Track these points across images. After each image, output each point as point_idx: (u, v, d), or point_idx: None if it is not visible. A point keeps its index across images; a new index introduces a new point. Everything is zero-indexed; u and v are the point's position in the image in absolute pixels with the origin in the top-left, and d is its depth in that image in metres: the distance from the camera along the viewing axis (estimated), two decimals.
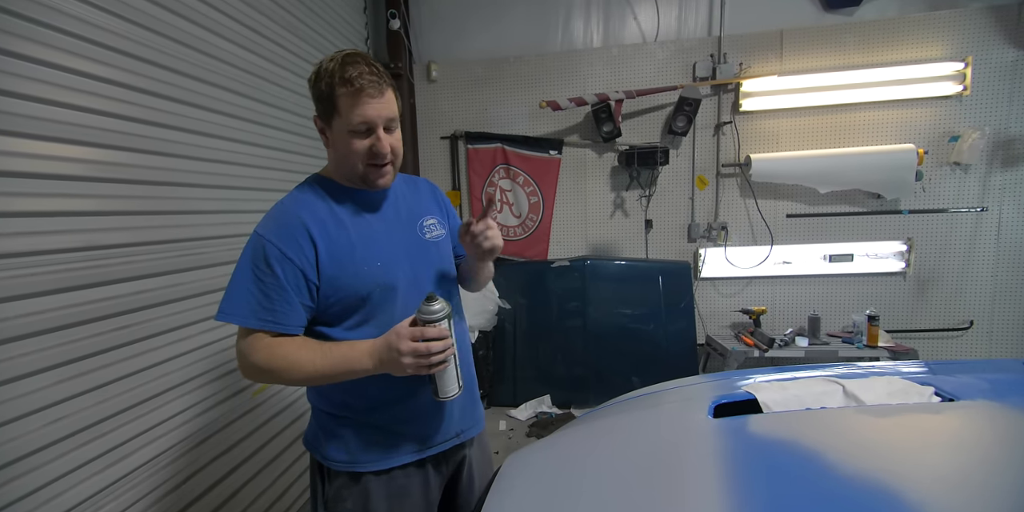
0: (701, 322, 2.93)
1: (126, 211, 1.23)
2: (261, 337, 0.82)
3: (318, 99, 0.85)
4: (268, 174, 1.83)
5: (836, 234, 2.82)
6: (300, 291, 0.83)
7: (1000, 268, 2.72)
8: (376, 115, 0.83)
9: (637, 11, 2.90)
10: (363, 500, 0.92)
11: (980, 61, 2.58)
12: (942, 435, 0.79)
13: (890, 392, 0.94)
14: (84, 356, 1.11)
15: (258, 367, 0.82)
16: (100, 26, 1.16)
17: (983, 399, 0.88)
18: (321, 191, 0.90)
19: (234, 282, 0.83)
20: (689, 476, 0.75)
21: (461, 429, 1.01)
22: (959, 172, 2.69)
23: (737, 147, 2.82)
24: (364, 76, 0.81)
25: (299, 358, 0.81)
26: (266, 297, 0.81)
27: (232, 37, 1.63)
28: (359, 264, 0.87)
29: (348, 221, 0.89)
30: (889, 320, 2.75)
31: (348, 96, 0.81)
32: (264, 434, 1.74)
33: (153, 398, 1.29)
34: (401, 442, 0.94)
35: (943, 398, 0.91)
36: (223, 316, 0.82)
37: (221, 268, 1.56)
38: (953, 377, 1.01)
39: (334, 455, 0.93)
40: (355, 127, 0.83)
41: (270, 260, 0.81)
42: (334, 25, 2.43)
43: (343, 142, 0.85)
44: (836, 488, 0.65)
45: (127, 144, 1.23)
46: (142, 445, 1.25)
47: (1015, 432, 0.78)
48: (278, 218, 0.86)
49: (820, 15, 2.73)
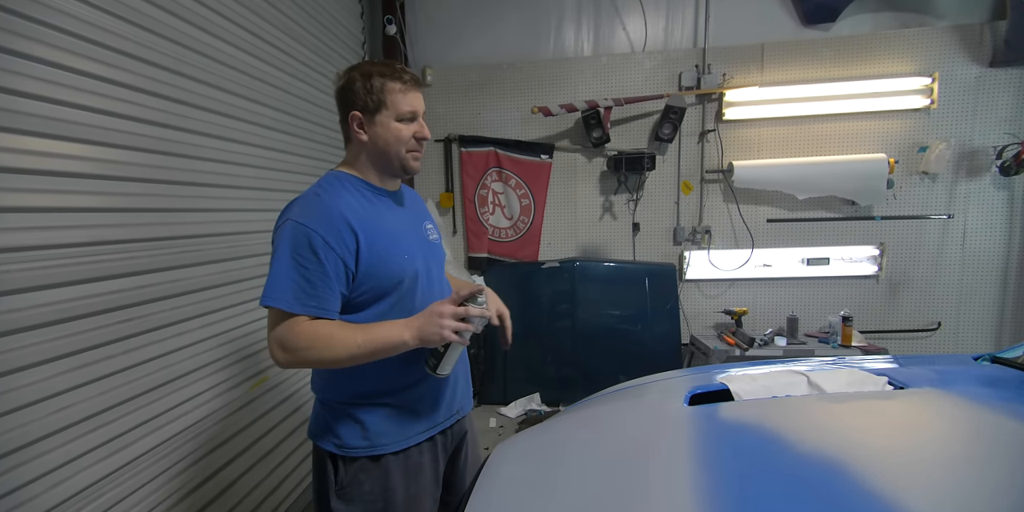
0: (686, 322, 3.03)
1: (129, 208, 1.27)
2: (300, 320, 0.87)
3: (366, 94, 0.95)
4: (265, 174, 1.87)
5: (813, 238, 2.94)
6: (339, 278, 0.90)
7: (966, 273, 2.87)
8: (420, 105, 0.99)
9: (626, 22, 3.01)
10: (383, 480, 0.98)
11: (946, 77, 2.74)
12: (891, 418, 0.88)
13: (849, 382, 1.02)
14: (87, 348, 1.14)
15: (297, 347, 0.86)
16: (112, 31, 1.21)
17: (929, 387, 0.97)
18: (349, 186, 0.98)
19: (276, 270, 0.88)
20: (665, 455, 0.82)
21: (460, 406, 1.11)
22: (927, 181, 2.84)
23: (720, 154, 2.94)
24: (408, 74, 0.97)
25: (342, 336, 0.87)
26: (309, 283, 0.87)
27: (232, 40, 1.68)
28: (393, 255, 0.95)
29: (377, 215, 0.97)
30: (863, 321, 2.88)
31: (399, 91, 0.95)
32: (261, 426, 1.77)
33: (154, 390, 1.32)
34: (415, 421, 1.01)
35: (895, 386, 1.00)
36: (269, 301, 0.87)
37: (220, 265, 1.60)
38: (906, 368, 1.10)
39: (351, 442, 0.98)
40: (403, 115, 0.96)
41: (315, 248, 0.87)
42: (332, 30, 2.49)
43: (390, 131, 0.96)
44: (794, 464, 0.73)
45: (130, 143, 1.27)
46: (143, 435, 1.28)
47: (953, 414, 0.87)
48: (318, 208, 0.91)
49: (799, 30, 2.86)
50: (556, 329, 2.95)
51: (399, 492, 0.99)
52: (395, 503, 0.99)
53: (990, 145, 2.73)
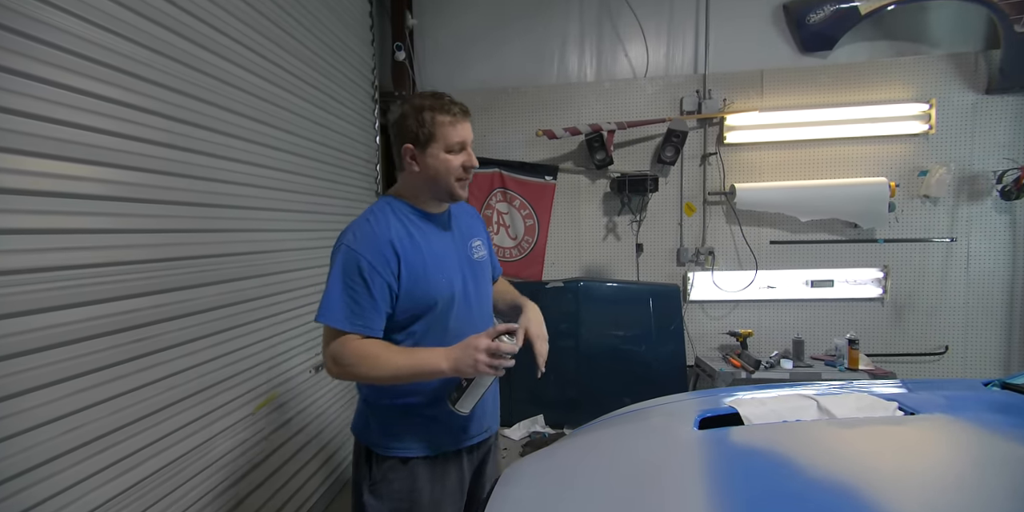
0: (690, 344, 3.01)
1: (134, 229, 1.27)
2: (352, 338, 0.97)
3: (418, 127, 1.01)
4: (273, 194, 1.90)
5: (817, 261, 2.95)
6: (384, 299, 0.99)
7: (971, 296, 2.86)
8: (468, 135, 1.05)
9: (628, 49, 3.10)
10: (411, 481, 1.06)
11: (943, 103, 2.80)
12: (902, 443, 0.87)
13: (859, 407, 1.02)
14: (94, 369, 1.13)
15: (347, 363, 0.96)
16: (121, 53, 1.25)
17: (940, 412, 0.97)
18: (399, 214, 1.06)
19: (329, 290, 0.98)
20: (677, 480, 0.81)
21: (489, 425, 1.18)
22: (929, 204, 2.86)
23: (722, 176, 2.98)
24: (456, 106, 1.03)
25: (387, 358, 0.96)
26: (357, 304, 0.97)
27: (242, 63, 1.71)
28: (430, 278, 1.02)
29: (421, 239, 1.05)
30: (869, 344, 2.85)
31: (448, 123, 1.01)
32: (267, 446, 1.76)
33: (161, 410, 1.32)
34: (445, 434, 1.09)
35: (905, 412, 0.99)
36: (323, 318, 0.98)
37: (227, 285, 1.61)
38: (916, 394, 1.10)
39: (386, 442, 1.06)
40: (452, 146, 1.02)
41: (363, 272, 0.96)
42: (343, 56, 2.58)
43: (440, 161, 1.02)
44: (805, 489, 0.73)
45: (137, 164, 1.27)
46: (150, 456, 1.27)
47: (964, 440, 0.86)
48: (367, 234, 1.01)
49: (797, 57, 2.95)
50: (560, 349, 2.93)
51: (425, 494, 1.06)
52: (421, 504, 1.06)
53: (990, 170, 2.77)
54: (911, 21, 2.84)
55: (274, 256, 1.90)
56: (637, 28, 3.05)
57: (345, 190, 2.59)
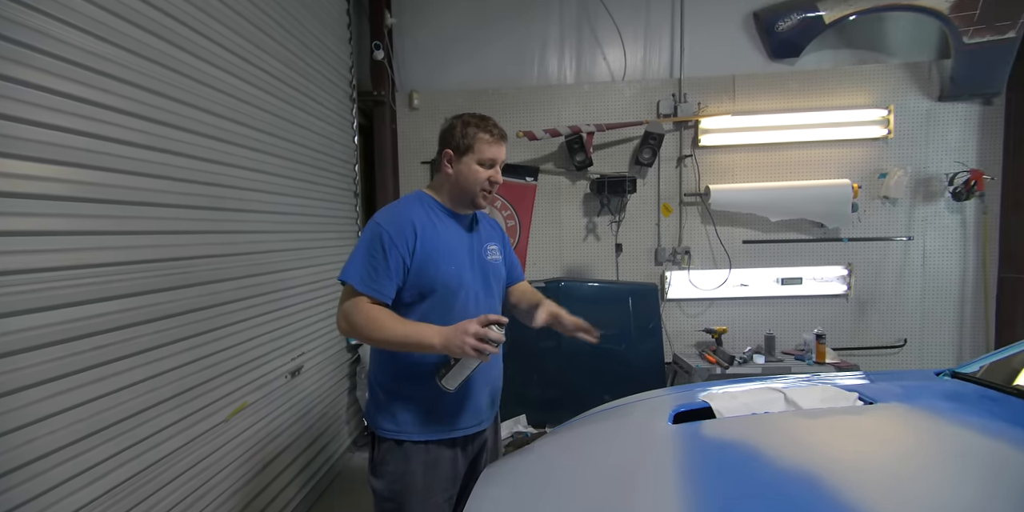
0: (668, 341, 3.09)
1: (109, 231, 1.23)
2: (364, 300, 1.10)
3: (460, 138, 1.17)
4: (249, 195, 1.86)
5: (787, 259, 3.07)
6: (398, 270, 1.11)
7: (927, 292, 3.03)
8: (501, 156, 1.20)
9: (606, 52, 3.16)
10: (404, 463, 1.16)
11: (901, 109, 2.96)
12: (860, 432, 0.94)
13: (823, 398, 1.09)
14: (56, 377, 1.09)
15: (355, 322, 1.08)
16: (93, 52, 1.23)
17: (896, 402, 1.04)
18: (426, 206, 1.21)
19: (354, 255, 1.13)
20: (652, 476, 0.85)
21: (483, 419, 1.26)
22: (888, 205, 3.02)
23: (698, 178, 3.07)
24: (497, 129, 1.19)
25: (390, 324, 1.08)
26: (374, 270, 1.11)
27: (221, 64, 1.68)
28: (440, 263, 1.14)
29: (441, 229, 1.19)
30: (835, 338, 2.99)
31: (486, 141, 1.17)
32: (241, 454, 1.73)
33: (129, 418, 1.27)
34: (438, 420, 1.18)
35: (865, 402, 1.06)
36: (344, 276, 1.12)
37: (202, 288, 1.57)
38: (875, 384, 1.17)
39: (384, 425, 1.18)
40: (484, 161, 1.17)
41: (384, 244, 1.11)
42: (320, 55, 2.54)
43: (471, 170, 1.17)
44: (773, 478, 0.77)
45: (119, 166, 1.25)
46: (116, 467, 1.23)
47: (918, 427, 0.93)
48: (393, 214, 1.17)
49: (767, 64, 3.06)
50: (542, 349, 2.97)
51: (417, 477, 1.16)
52: (412, 487, 1.15)
53: (943, 172, 2.94)
54: (871, 31, 2.99)
55: (251, 259, 1.86)
56: (615, 32, 3.11)
57: (323, 191, 2.55)
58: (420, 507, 1.16)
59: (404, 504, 1.16)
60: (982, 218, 2.97)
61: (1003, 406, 1.02)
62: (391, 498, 1.17)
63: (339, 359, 2.71)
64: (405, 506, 1.16)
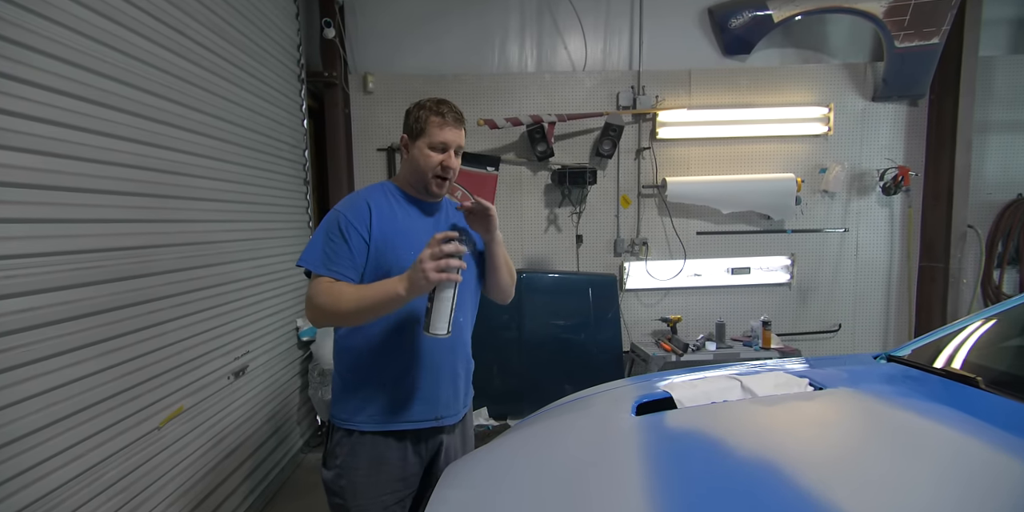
0: (626, 330, 3.16)
1: (8, 218, 1.07)
2: (323, 281, 1.07)
3: (414, 122, 1.14)
4: (185, 181, 1.69)
5: (737, 250, 3.22)
6: (360, 251, 1.10)
7: (859, 280, 3.28)
8: (453, 140, 1.13)
9: (567, 42, 3.13)
10: (351, 456, 1.14)
11: (839, 107, 3.14)
12: (813, 417, 0.98)
13: (776, 384, 1.13)
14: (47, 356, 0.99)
15: (318, 301, 1.05)
16: None
17: (843, 387, 1.09)
18: (387, 191, 1.19)
19: (312, 241, 1.12)
20: (617, 467, 0.85)
21: (442, 414, 1.18)
22: (827, 199, 3.22)
23: (655, 170, 3.13)
24: (450, 112, 1.13)
25: (351, 291, 1.04)
26: (334, 252, 1.09)
27: (155, 38, 1.51)
28: (398, 247, 1.11)
29: (400, 214, 1.16)
30: (779, 325, 3.17)
31: (437, 124, 1.12)
32: (176, 464, 1.59)
33: (44, 429, 1.13)
34: (389, 409, 1.13)
35: (815, 387, 1.11)
36: (302, 262, 1.11)
37: (124, 283, 1.41)
38: (822, 370, 1.23)
39: (336, 413, 1.17)
40: (435, 145, 1.12)
41: (341, 227, 1.09)
42: (264, 30, 2.34)
43: (423, 156, 1.13)
44: (732, 464, 0.79)
45: (49, 149, 1.11)
46: (33, 480, 1.10)
47: (865, 410, 0.99)
48: (351, 198, 1.16)
49: (720, 59, 3.15)
50: (503, 341, 2.95)
51: (361, 472, 1.13)
52: (355, 483, 1.13)
53: (875, 168, 3.16)
54: (815, 31, 3.15)
55: (187, 249, 1.69)
56: (576, 22, 3.08)
57: (270, 177, 2.38)
58: (368, 505, 1.13)
59: (349, 500, 1.13)
60: (907, 211, 3.23)
61: (933, 387, 1.10)
62: (338, 493, 1.15)
63: (289, 357, 2.57)
64: (350, 502, 1.13)
